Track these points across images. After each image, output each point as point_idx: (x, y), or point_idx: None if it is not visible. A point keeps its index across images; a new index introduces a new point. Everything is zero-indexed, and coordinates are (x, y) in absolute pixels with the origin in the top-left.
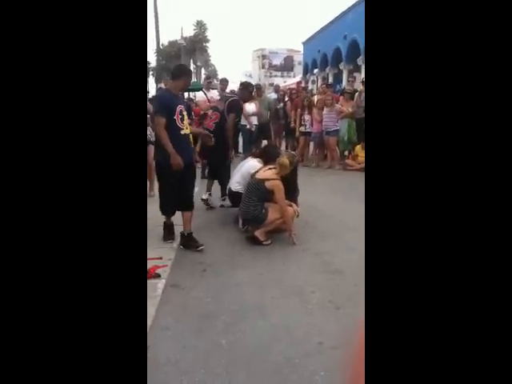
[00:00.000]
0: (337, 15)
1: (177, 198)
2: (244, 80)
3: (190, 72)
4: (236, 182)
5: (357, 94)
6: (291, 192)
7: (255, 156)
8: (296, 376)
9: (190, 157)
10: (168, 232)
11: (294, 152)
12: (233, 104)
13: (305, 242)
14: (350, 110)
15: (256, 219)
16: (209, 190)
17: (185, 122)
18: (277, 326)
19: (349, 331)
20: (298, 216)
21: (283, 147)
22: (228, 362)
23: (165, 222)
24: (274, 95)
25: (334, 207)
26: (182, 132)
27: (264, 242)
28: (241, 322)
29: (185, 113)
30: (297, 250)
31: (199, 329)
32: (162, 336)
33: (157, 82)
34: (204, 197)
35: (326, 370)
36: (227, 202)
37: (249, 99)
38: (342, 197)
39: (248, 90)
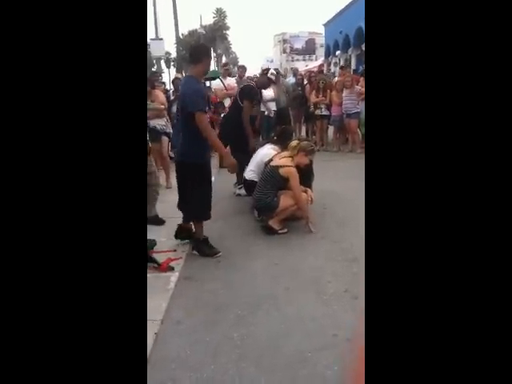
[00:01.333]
0: None
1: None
2: (265, 66)
3: (209, 51)
4: (250, 171)
5: None
6: (306, 179)
7: (273, 142)
8: (308, 371)
9: None
10: (209, 245)
11: (314, 137)
12: (245, 90)
13: (323, 229)
14: None
15: (268, 207)
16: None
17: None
18: (291, 317)
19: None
20: (312, 202)
21: (303, 132)
22: (239, 357)
23: (203, 238)
24: (292, 79)
25: (354, 192)
26: None
27: (279, 231)
28: (254, 315)
29: None
30: (314, 237)
31: (211, 322)
32: (173, 330)
33: (178, 72)
34: (237, 191)
35: (340, 363)
36: (243, 191)
37: (268, 85)
38: (362, 181)
39: (267, 76)
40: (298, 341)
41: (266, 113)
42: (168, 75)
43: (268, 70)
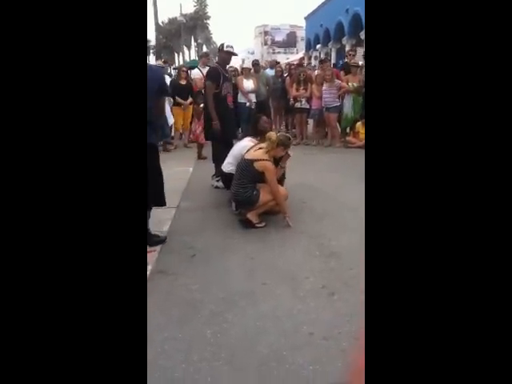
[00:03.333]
0: None
1: None
2: (246, 57)
3: None
4: (228, 163)
5: (358, 69)
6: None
7: (251, 135)
8: (283, 370)
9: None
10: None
11: (293, 130)
12: (208, 72)
13: (301, 223)
14: (355, 85)
15: (248, 201)
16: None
17: None
18: (266, 314)
19: (341, 320)
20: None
21: (283, 125)
22: (212, 356)
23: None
24: (270, 71)
25: (332, 186)
26: None
27: (257, 225)
28: (228, 311)
29: None
30: (292, 232)
31: (184, 319)
32: None
33: (158, 59)
34: (214, 183)
35: (315, 363)
36: (221, 184)
37: (228, 61)
38: (341, 175)
39: (224, 51)
40: (274, 339)
41: (248, 104)
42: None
43: (223, 45)
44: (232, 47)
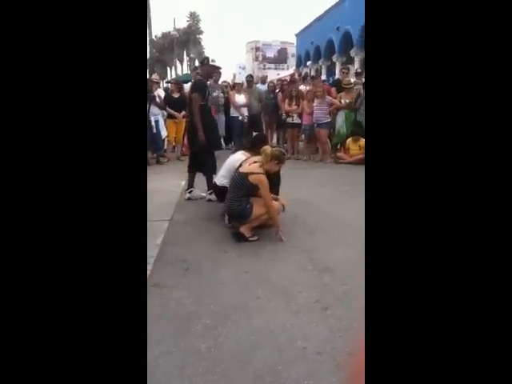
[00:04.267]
0: (330, 6)
1: None
2: (238, 72)
3: None
4: (221, 176)
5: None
6: (274, 185)
7: (245, 148)
8: None
9: None
10: None
11: (285, 145)
12: (194, 85)
13: (293, 237)
14: (347, 101)
15: (241, 215)
16: (191, 185)
17: None
18: (260, 329)
19: (334, 335)
20: (283, 210)
21: (275, 140)
22: (206, 370)
23: None
24: (262, 86)
25: (324, 201)
26: None
27: (250, 238)
28: (222, 325)
29: None
30: (285, 246)
31: (177, 332)
32: None
33: (150, 74)
34: (187, 195)
35: (310, 377)
36: (213, 197)
37: (211, 74)
38: (332, 190)
39: (208, 65)
40: (268, 354)
41: (240, 118)
42: None
43: (207, 59)
44: (215, 61)
